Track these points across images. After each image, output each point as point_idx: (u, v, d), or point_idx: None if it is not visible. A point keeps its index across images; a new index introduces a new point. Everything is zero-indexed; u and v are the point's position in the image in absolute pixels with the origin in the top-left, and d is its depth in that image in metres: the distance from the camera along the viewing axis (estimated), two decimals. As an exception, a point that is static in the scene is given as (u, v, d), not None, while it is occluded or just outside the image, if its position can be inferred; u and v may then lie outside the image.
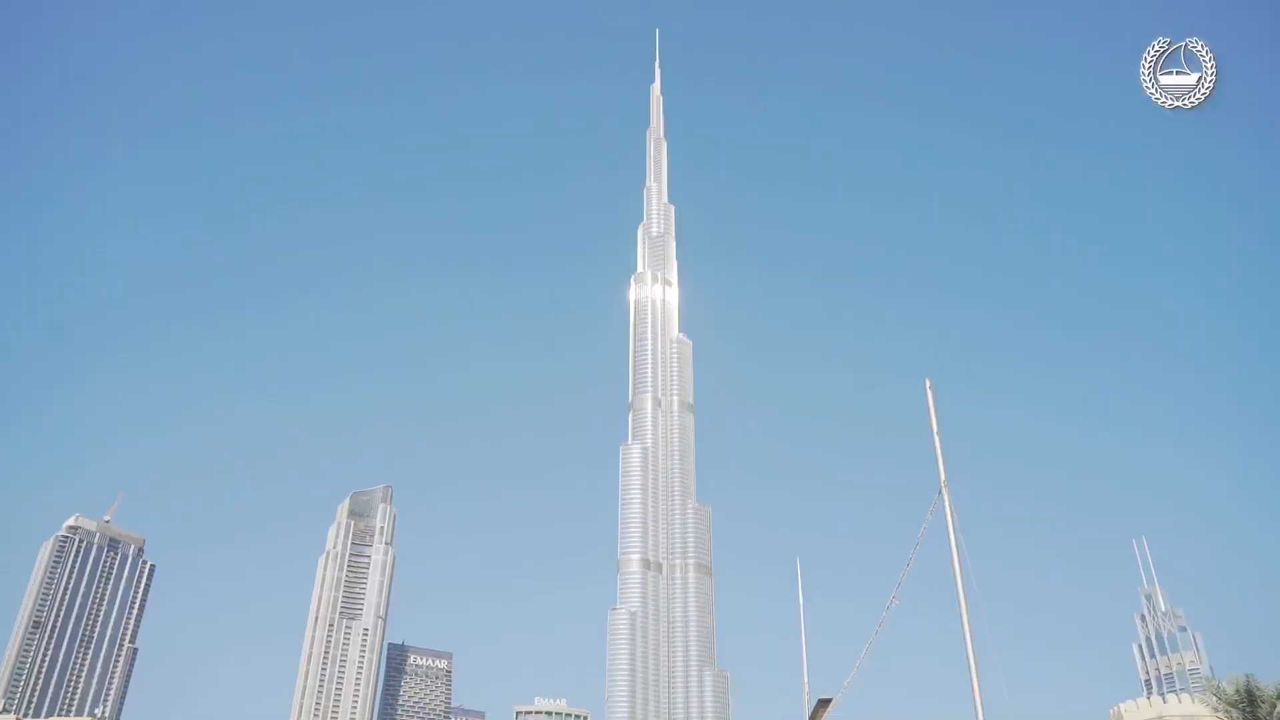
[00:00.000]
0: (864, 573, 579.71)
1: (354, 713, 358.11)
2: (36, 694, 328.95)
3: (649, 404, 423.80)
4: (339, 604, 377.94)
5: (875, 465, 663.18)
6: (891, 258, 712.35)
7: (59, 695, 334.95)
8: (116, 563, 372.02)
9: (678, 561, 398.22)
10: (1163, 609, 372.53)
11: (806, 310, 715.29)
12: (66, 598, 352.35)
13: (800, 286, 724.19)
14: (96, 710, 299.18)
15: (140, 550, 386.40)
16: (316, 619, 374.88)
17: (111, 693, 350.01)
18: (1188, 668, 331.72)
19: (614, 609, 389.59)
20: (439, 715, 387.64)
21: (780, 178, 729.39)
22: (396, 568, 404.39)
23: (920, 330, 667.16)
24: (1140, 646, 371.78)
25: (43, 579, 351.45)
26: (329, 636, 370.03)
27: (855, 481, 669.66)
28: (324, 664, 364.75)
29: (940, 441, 21.01)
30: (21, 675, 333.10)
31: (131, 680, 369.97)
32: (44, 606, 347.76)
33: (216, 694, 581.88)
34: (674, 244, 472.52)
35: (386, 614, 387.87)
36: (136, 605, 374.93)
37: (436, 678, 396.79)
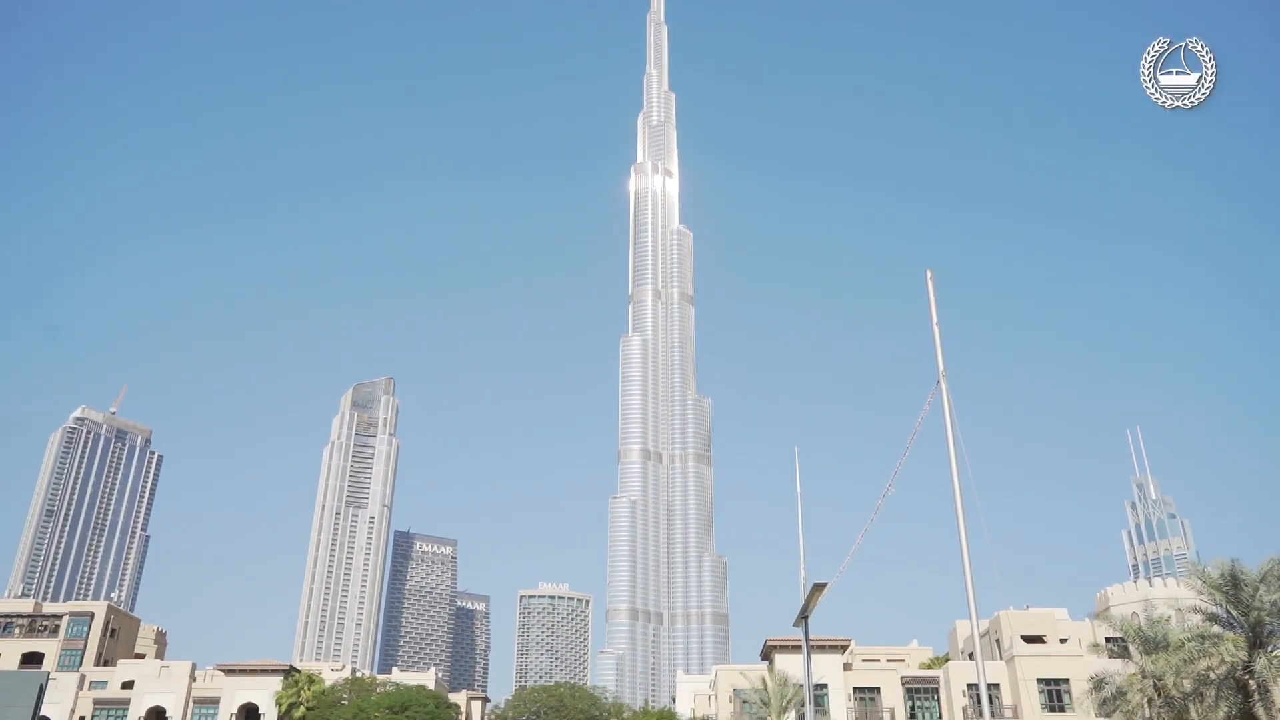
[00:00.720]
0: (861, 462, 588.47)
1: (362, 598, 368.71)
2: (53, 580, 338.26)
3: (649, 296, 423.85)
4: (345, 493, 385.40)
5: (874, 356, 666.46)
6: (895, 153, 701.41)
7: (75, 581, 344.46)
8: (124, 453, 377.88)
9: (677, 451, 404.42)
10: (1153, 497, 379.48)
11: (809, 202, 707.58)
12: (77, 487, 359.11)
13: (803, 178, 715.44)
14: (112, 595, 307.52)
15: (148, 441, 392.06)
16: (323, 507, 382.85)
17: (126, 579, 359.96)
18: (1175, 553, 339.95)
19: (615, 497, 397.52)
20: (445, 599, 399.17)
21: (785, 67, 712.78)
22: (400, 457, 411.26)
23: (920, 224, 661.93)
24: (1130, 533, 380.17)
25: (53, 469, 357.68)
26: (336, 525, 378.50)
27: (854, 372, 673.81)
28: (332, 551, 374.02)
29: (939, 332, 21.00)
30: (38, 562, 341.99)
31: (145, 567, 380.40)
32: (55, 496, 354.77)
33: (228, 581, 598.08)
34: (675, 133, 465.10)
35: (391, 502, 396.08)
36: (146, 494, 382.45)
37: (442, 563, 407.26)
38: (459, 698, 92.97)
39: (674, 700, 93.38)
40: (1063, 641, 74.05)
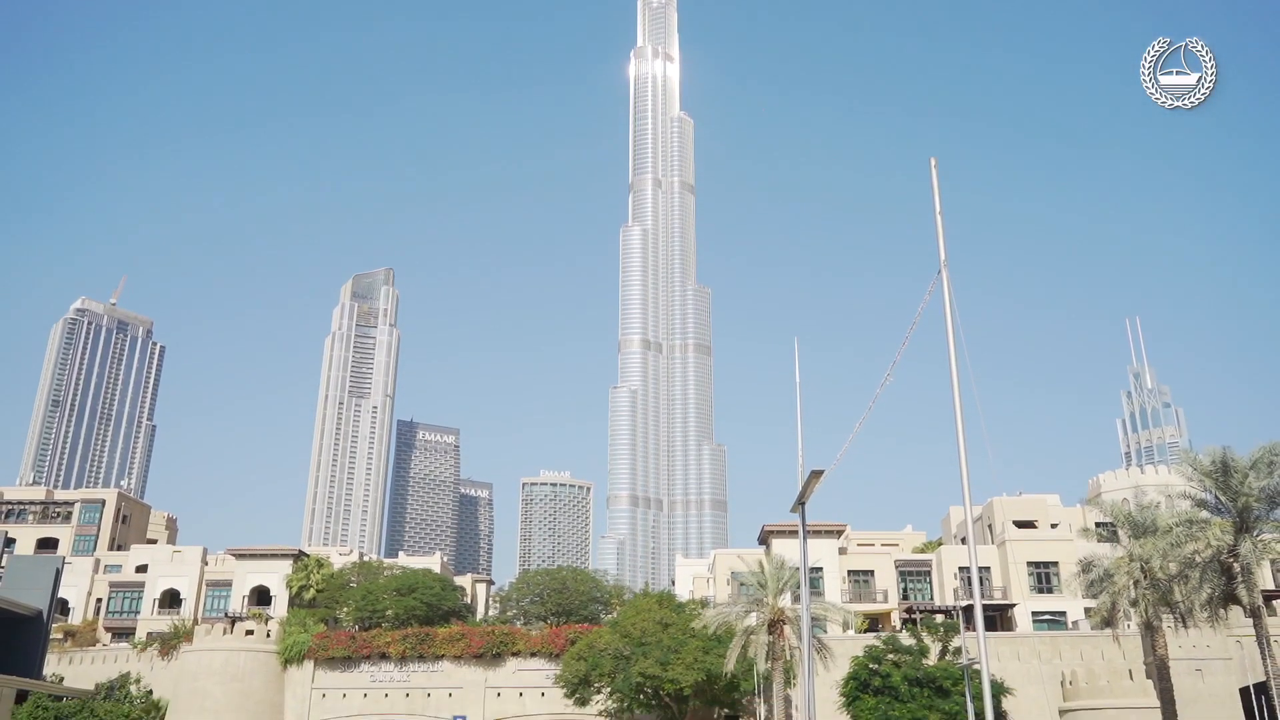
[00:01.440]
0: (860, 352, 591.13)
1: (367, 486, 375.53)
2: (62, 469, 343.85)
3: (649, 185, 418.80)
4: (347, 383, 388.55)
5: (875, 248, 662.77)
6: (899, 53, 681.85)
7: (84, 469, 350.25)
8: (126, 344, 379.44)
9: (677, 341, 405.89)
10: (1149, 386, 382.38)
11: (812, 92, 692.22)
12: (81, 377, 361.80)
13: (806, 69, 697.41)
14: (122, 483, 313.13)
15: (149, 332, 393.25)
16: (326, 398, 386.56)
17: (134, 467, 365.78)
18: (1168, 441, 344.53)
19: (615, 387, 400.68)
20: (448, 487, 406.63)
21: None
22: (401, 348, 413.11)
23: (923, 121, 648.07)
24: (1124, 422, 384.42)
25: (56, 360, 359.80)
26: (339, 414, 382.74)
27: (855, 264, 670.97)
28: (336, 440, 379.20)
29: (942, 222, 20.86)
30: (46, 451, 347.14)
31: (153, 456, 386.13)
32: (60, 386, 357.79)
33: (235, 469, 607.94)
34: (675, 15, 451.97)
35: (394, 392, 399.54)
36: (150, 385, 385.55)
37: (445, 452, 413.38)
38: (464, 581, 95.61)
39: (673, 583, 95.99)
40: (1053, 527, 75.78)
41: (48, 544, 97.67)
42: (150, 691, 70.68)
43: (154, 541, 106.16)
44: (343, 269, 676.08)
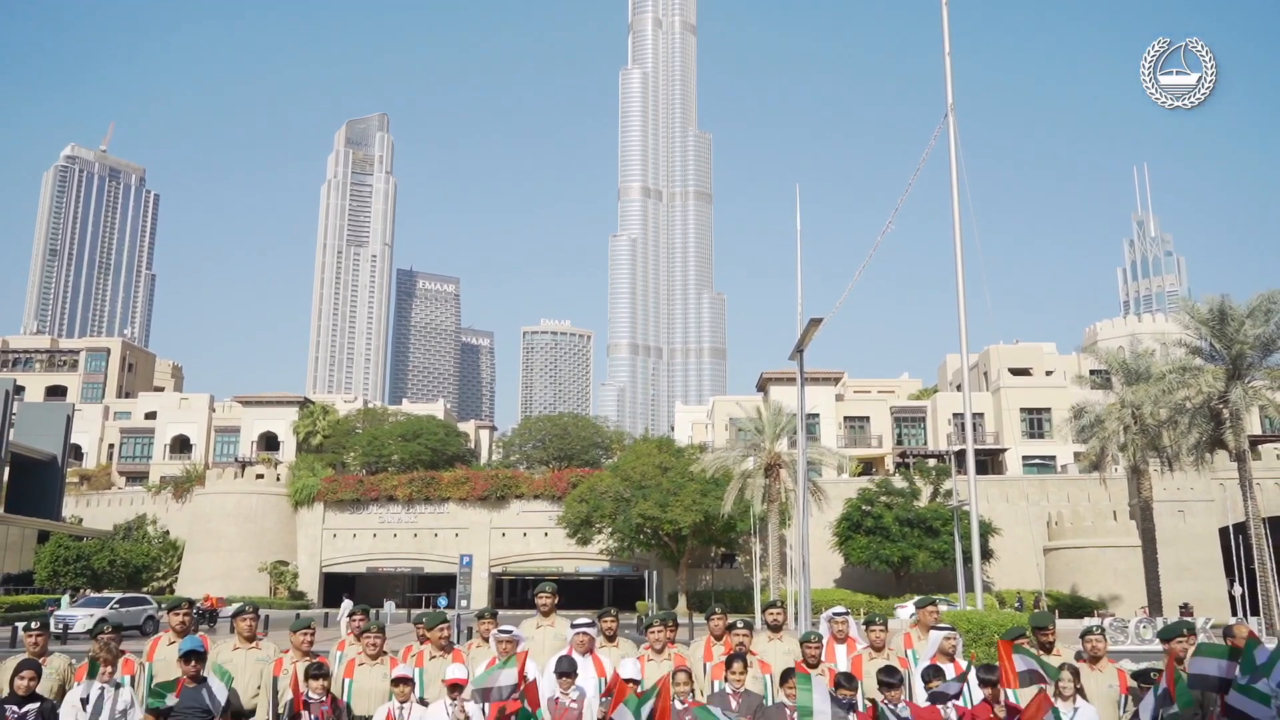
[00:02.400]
0: (862, 200, 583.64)
1: (369, 335, 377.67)
2: (65, 318, 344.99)
3: (649, 25, 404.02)
4: (345, 232, 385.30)
5: (880, 93, 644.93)
6: None
7: (87, 319, 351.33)
8: (120, 192, 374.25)
9: (678, 188, 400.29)
10: (1152, 234, 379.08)
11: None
12: (77, 226, 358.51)
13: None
14: (125, 331, 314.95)
15: (142, 180, 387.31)
16: (324, 246, 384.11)
17: (137, 317, 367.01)
18: (1167, 290, 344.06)
19: (615, 235, 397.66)
20: (450, 335, 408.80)
21: None
22: (399, 195, 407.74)
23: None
24: (1124, 270, 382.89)
25: (50, 208, 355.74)
26: (338, 263, 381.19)
27: (859, 110, 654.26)
28: (336, 290, 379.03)
29: (950, 64, 20.21)
30: (48, 301, 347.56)
31: (154, 306, 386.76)
32: (56, 235, 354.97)
33: (238, 319, 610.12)
34: None
35: (392, 241, 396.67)
36: (147, 233, 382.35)
37: (445, 301, 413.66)
38: (467, 427, 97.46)
39: (673, 429, 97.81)
40: (1048, 374, 76.64)
41: (56, 392, 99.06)
42: (167, 532, 73.10)
43: (161, 389, 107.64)
44: (336, 115, 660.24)
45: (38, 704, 7.68)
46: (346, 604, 42.67)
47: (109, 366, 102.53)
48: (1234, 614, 46.35)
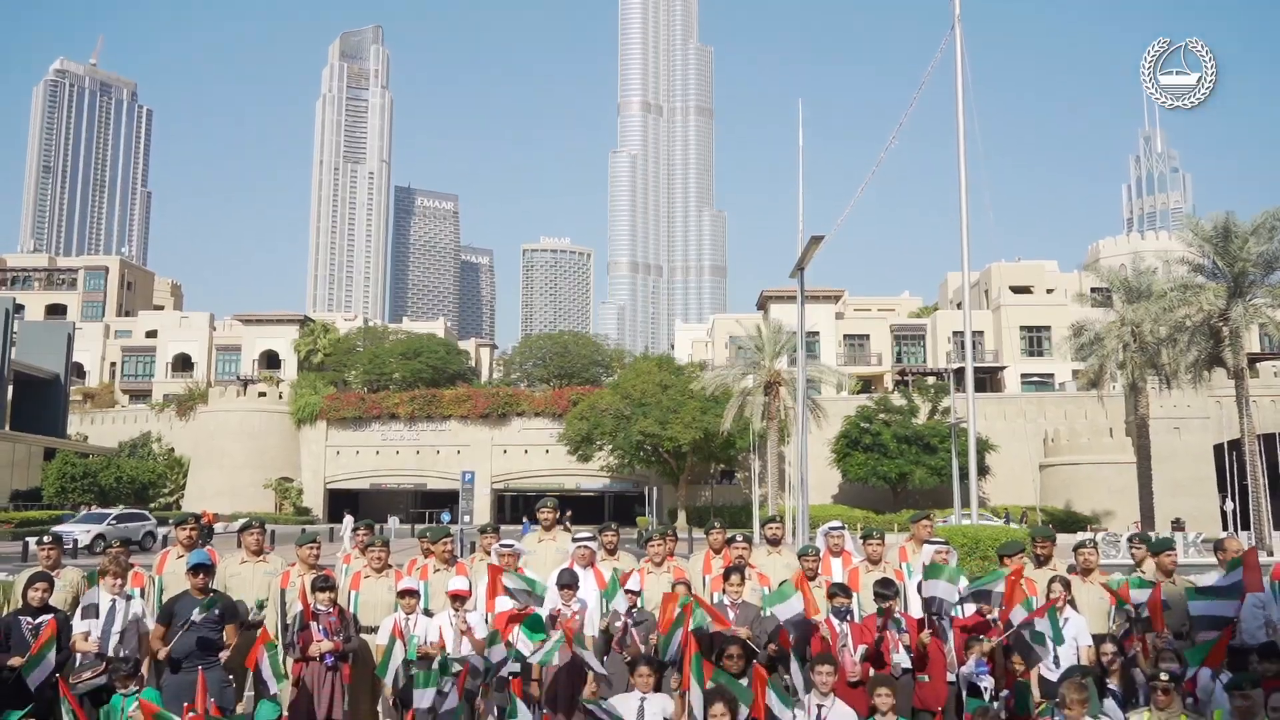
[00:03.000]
0: (866, 115, 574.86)
1: (368, 254, 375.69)
2: (62, 237, 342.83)
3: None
4: (341, 148, 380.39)
5: (884, 6, 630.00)
6: None
7: (84, 237, 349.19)
8: (112, 107, 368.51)
9: (678, 104, 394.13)
10: (1159, 151, 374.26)
11: None
12: (70, 142, 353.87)
13: None
14: (123, 250, 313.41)
15: (134, 95, 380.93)
16: (321, 163, 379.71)
17: (134, 235, 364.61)
18: (1172, 207, 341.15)
19: (614, 151, 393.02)
20: (449, 253, 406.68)
21: None
22: (395, 111, 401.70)
23: None
24: (1129, 187, 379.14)
25: (42, 124, 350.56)
26: (335, 180, 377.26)
27: (864, 24, 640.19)
28: (334, 207, 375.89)
29: (958, -27, 19.75)
30: (43, 219, 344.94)
31: (151, 224, 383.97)
32: (49, 151, 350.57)
33: (236, 237, 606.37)
34: None
35: (390, 158, 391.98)
36: (141, 149, 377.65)
37: (444, 219, 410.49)
38: (468, 345, 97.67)
39: (673, 348, 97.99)
40: (1049, 292, 76.48)
41: (56, 311, 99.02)
42: (172, 449, 73.80)
43: (160, 308, 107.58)
44: (329, 26, 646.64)
45: (51, 615, 7.84)
46: (348, 520, 43.33)
47: (108, 285, 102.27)
48: (1225, 529, 47.05)
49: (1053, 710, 7.10)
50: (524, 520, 49.80)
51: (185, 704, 6.65)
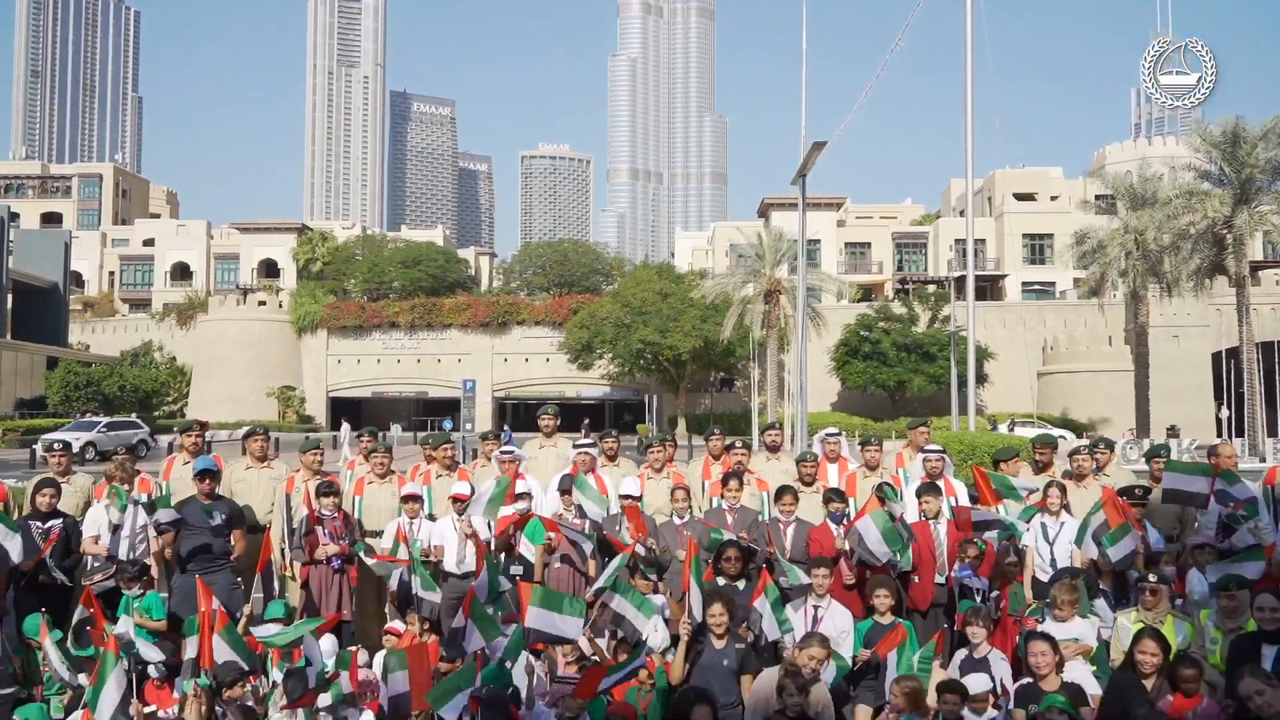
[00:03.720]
0: (871, 20, 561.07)
1: (364, 160, 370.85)
2: (54, 144, 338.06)
3: None
4: (335, 51, 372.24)
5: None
6: None
7: (76, 145, 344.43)
8: (99, 8, 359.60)
9: (679, 5, 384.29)
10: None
11: None
12: (57, 46, 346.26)
13: None
14: (116, 157, 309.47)
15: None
16: (315, 67, 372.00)
17: (127, 142, 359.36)
18: (1180, 112, 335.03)
19: (614, 55, 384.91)
20: (447, 160, 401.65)
21: None
22: (390, 12, 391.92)
23: None
24: (1139, 91, 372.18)
25: (28, 26, 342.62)
26: (330, 85, 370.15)
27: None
28: (329, 113, 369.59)
29: None
30: (34, 126, 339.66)
31: (144, 130, 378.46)
32: (36, 55, 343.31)
33: (230, 144, 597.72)
34: None
35: (385, 62, 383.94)
36: (130, 53, 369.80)
37: (441, 124, 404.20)
38: (467, 254, 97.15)
39: (673, 256, 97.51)
40: (1053, 199, 75.74)
41: (51, 219, 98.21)
42: (174, 358, 74.02)
43: (157, 216, 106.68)
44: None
45: (60, 520, 7.97)
46: (345, 427, 43.69)
47: (103, 193, 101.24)
48: (1219, 436, 47.52)
49: (1043, 611, 7.27)
50: (505, 428, 50.30)
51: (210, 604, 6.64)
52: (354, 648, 7.41)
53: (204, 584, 7.02)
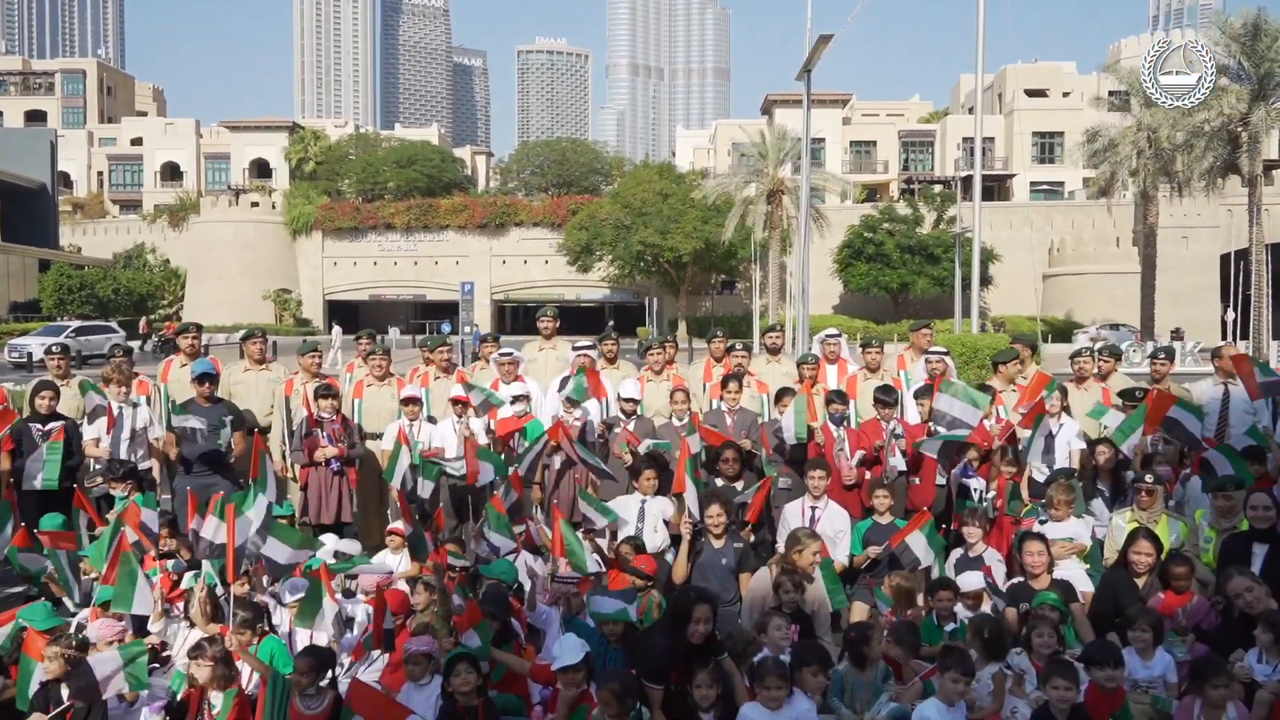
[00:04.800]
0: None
1: (355, 56, 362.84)
2: (34, 41, 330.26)
3: None
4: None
5: None
6: None
7: (57, 41, 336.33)
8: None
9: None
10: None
11: None
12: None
13: None
14: (99, 53, 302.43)
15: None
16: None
17: (109, 37, 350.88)
18: (1200, 3, 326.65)
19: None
20: (441, 55, 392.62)
21: None
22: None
23: None
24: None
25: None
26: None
27: None
28: (318, 6, 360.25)
29: None
30: (13, 21, 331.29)
31: (126, 25, 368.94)
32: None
33: (215, 40, 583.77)
34: None
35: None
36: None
37: (434, 18, 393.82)
38: (463, 153, 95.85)
39: (673, 154, 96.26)
40: (1065, 96, 74.36)
41: (36, 118, 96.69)
42: (167, 261, 73.73)
43: (144, 114, 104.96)
44: None
45: (60, 422, 8.06)
46: (337, 331, 43.70)
47: (87, 90, 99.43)
48: (1224, 338, 47.63)
49: (1039, 511, 7.41)
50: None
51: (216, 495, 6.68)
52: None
53: (192, 494, 7.10)
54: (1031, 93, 74.94)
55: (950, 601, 6.37)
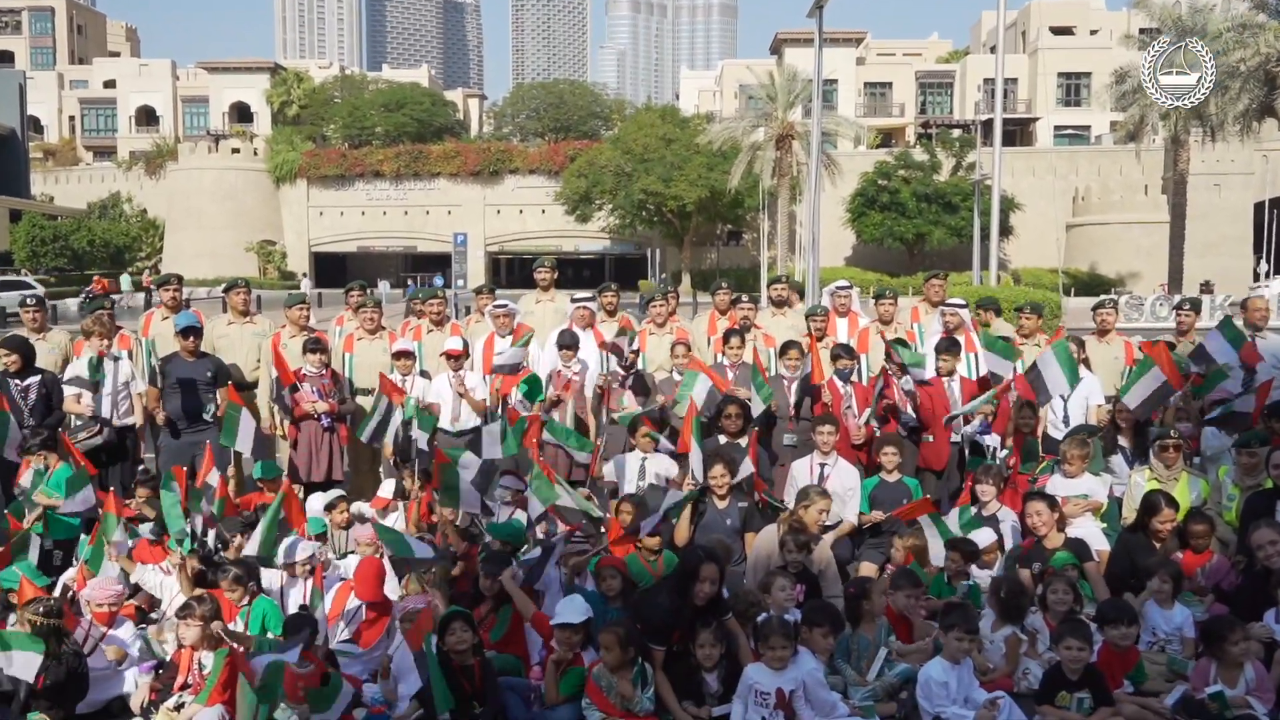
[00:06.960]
0: None
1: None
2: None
3: None
4: None
5: None
6: None
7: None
8: None
9: None
10: None
11: None
12: None
13: None
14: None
15: None
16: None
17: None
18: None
19: None
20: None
21: None
22: None
23: None
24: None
25: None
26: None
27: None
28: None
29: None
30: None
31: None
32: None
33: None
34: None
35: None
36: None
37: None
38: (455, 96, 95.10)
39: (677, 97, 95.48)
40: (1093, 34, 73.53)
41: (2, 59, 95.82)
42: (144, 210, 73.47)
43: (116, 54, 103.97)
44: None
45: (38, 376, 8.12)
46: (305, 284, 43.25)
47: (56, 28, 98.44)
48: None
49: (1054, 466, 7.49)
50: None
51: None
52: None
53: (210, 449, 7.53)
54: (1057, 30, 74.09)
55: (961, 564, 6.49)
